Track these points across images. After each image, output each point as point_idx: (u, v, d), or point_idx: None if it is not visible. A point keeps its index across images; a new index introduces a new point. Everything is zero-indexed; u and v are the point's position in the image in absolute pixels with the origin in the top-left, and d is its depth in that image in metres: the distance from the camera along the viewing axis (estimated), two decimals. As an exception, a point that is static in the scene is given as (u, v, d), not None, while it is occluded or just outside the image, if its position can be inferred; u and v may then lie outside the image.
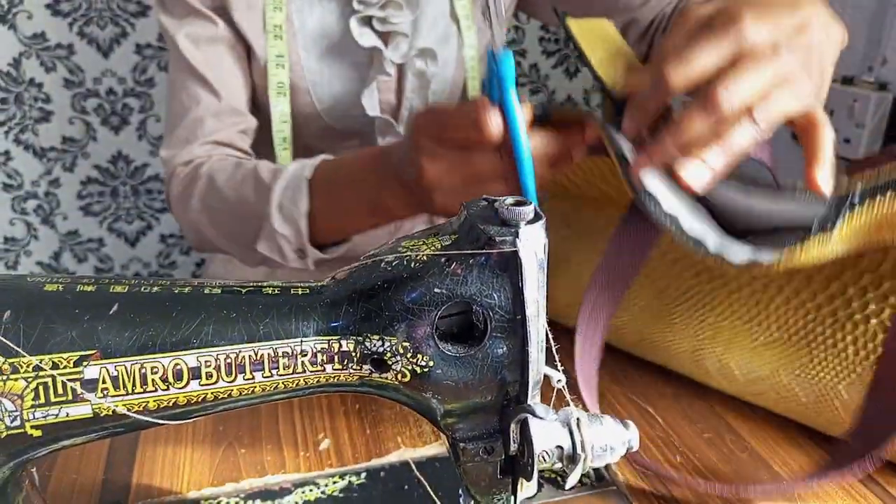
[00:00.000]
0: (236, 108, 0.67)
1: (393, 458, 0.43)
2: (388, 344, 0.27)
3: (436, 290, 0.28)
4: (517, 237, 0.28)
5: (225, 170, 0.64)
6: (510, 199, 0.29)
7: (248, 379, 0.27)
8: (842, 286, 0.44)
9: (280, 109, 0.67)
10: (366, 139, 0.72)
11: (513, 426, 0.28)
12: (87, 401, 0.24)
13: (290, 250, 0.60)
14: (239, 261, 0.68)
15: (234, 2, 0.68)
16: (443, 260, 0.28)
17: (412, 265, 0.29)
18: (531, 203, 0.29)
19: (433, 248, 0.29)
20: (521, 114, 0.39)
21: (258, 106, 0.71)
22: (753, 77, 0.36)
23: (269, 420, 0.46)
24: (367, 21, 0.68)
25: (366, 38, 0.67)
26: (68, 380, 0.24)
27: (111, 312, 0.26)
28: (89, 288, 0.26)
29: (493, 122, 0.39)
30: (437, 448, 0.43)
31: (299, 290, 0.29)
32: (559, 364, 0.31)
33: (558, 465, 0.29)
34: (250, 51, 0.69)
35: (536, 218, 0.29)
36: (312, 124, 0.71)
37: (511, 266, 0.28)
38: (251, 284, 0.29)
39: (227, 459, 0.43)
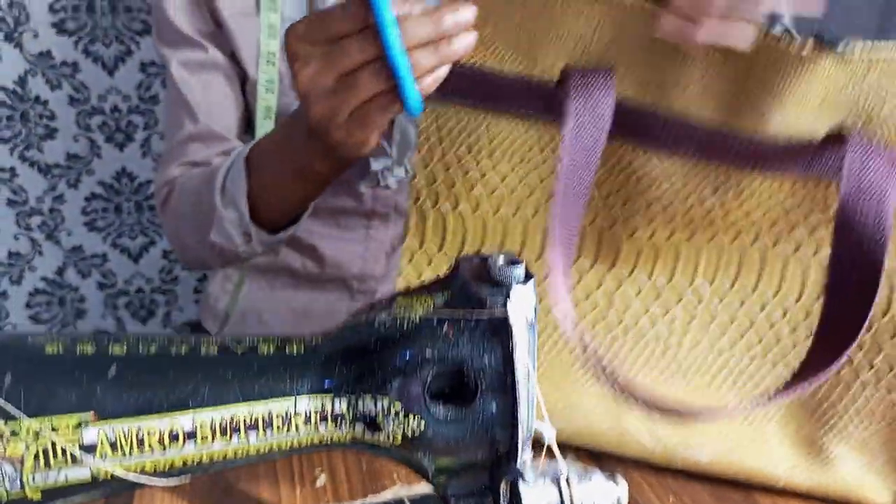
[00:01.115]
0: (219, 133, 0.69)
1: (389, 495, 0.43)
2: (381, 405, 0.28)
3: (428, 352, 0.28)
4: (508, 299, 0.28)
5: (190, 177, 0.67)
6: (502, 259, 0.30)
7: (243, 440, 0.27)
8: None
9: (265, 132, 0.68)
10: (360, 161, 0.74)
11: (503, 486, 0.29)
12: (86, 464, 0.25)
13: (237, 234, 0.61)
14: (210, 265, 0.69)
15: (232, 27, 0.69)
16: (435, 321, 0.29)
17: (405, 326, 0.29)
18: (522, 262, 0.30)
19: (426, 307, 0.30)
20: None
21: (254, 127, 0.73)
22: None
23: (267, 457, 0.47)
24: None
25: None
26: (67, 443, 0.25)
27: (110, 376, 0.26)
28: (89, 349, 0.27)
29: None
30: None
31: (294, 347, 0.30)
32: (546, 417, 0.31)
33: (548, 524, 0.29)
34: (246, 74, 0.70)
35: (528, 278, 0.30)
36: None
37: (502, 329, 0.28)
38: (247, 342, 0.30)
39: (223, 495, 0.43)
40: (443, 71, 0.39)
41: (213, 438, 0.26)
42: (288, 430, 0.27)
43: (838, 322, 0.40)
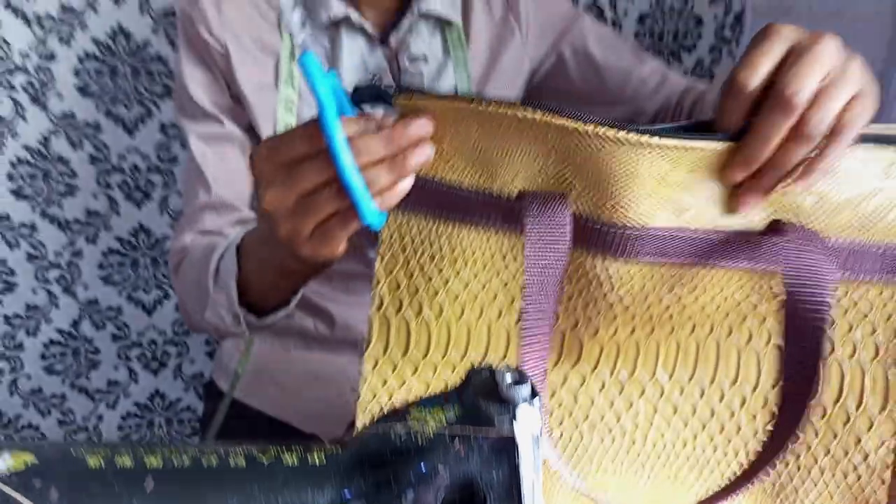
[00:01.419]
0: (231, 203, 0.73)
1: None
2: (397, 516, 0.30)
3: (441, 466, 0.30)
4: (515, 419, 0.31)
5: (196, 248, 0.70)
6: (509, 377, 0.32)
7: (268, 551, 0.29)
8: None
9: None
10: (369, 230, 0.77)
11: None
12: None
13: (228, 316, 0.64)
14: (212, 334, 0.73)
15: (251, 101, 0.73)
16: (447, 437, 0.31)
17: (420, 440, 0.31)
18: (528, 381, 0.32)
19: (439, 422, 0.32)
20: (330, 106, 0.38)
21: None
22: (817, 70, 0.40)
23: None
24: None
25: None
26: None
27: (147, 490, 0.28)
28: (127, 462, 0.29)
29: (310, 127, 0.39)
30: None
31: (316, 456, 0.32)
32: None
33: None
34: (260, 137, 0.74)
35: (533, 395, 0.32)
36: None
37: (509, 446, 0.31)
38: (272, 451, 0.32)
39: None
40: (405, 184, 0.41)
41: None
42: (309, 540, 0.29)
43: (791, 406, 0.42)
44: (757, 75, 0.41)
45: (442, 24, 0.77)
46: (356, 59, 0.75)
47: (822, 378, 0.47)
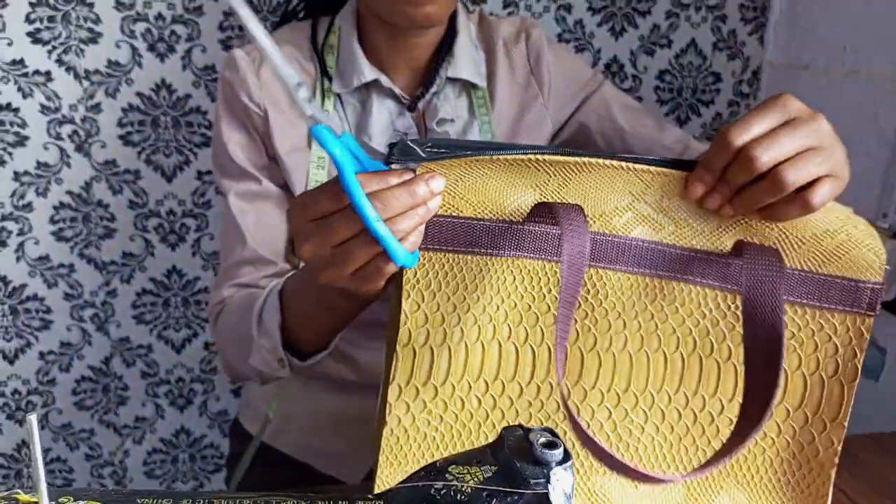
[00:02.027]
0: (267, 258, 0.77)
1: None
2: (437, 569, 0.32)
3: (478, 523, 0.33)
4: (549, 481, 0.33)
5: (235, 300, 0.74)
6: (543, 438, 0.35)
7: None
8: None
9: None
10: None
11: None
12: None
13: (273, 360, 0.68)
14: (254, 380, 0.76)
15: (286, 161, 0.77)
16: (484, 494, 0.33)
17: (458, 496, 0.34)
18: (561, 445, 0.35)
19: (476, 478, 0.34)
20: (347, 167, 0.42)
21: None
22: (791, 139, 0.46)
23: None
24: None
25: None
26: None
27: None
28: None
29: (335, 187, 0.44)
30: None
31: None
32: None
33: None
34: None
35: (566, 458, 0.34)
36: None
37: (544, 502, 0.33)
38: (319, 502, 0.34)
39: None
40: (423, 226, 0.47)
41: None
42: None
43: (752, 409, 0.48)
44: (746, 136, 0.47)
45: (468, 86, 0.81)
46: (385, 120, 0.79)
47: (786, 388, 0.54)
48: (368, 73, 0.77)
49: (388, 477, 0.53)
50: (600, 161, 0.49)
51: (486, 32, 0.84)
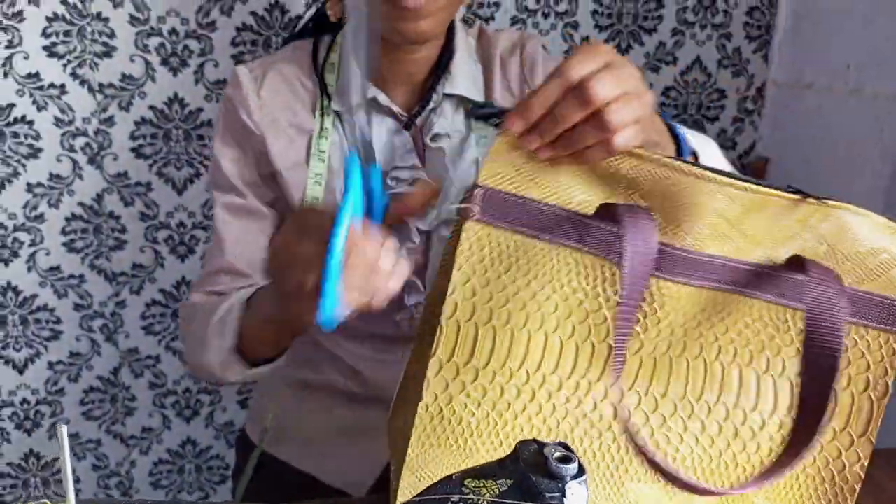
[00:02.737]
0: (243, 271, 0.80)
1: None
2: (454, 581, 0.33)
3: (495, 536, 0.33)
4: (564, 495, 0.34)
5: (206, 305, 0.78)
6: (558, 453, 0.36)
7: None
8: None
9: None
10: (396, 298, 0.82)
11: None
12: None
13: (218, 360, 0.73)
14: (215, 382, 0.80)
15: (286, 177, 0.79)
16: (501, 508, 0.34)
17: (475, 509, 0.34)
18: (575, 459, 0.35)
19: (492, 492, 0.35)
20: (346, 221, 0.47)
21: None
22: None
23: None
24: (401, 196, 0.78)
25: None
26: None
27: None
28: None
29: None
30: None
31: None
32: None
33: None
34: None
35: (580, 473, 0.35)
36: None
37: (558, 517, 0.34)
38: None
39: None
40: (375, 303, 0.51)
41: None
42: None
43: (803, 430, 0.50)
44: (583, 71, 0.46)
45: (465, 101, 0.82)
46: (384, 137, 0.80)
47: (832, 407, 0.53)
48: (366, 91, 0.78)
49: (418, 457, 0.52)
50: (685, 167, 0.48)
51: (484, 47, 0.86)
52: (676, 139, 0.58)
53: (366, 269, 0.48)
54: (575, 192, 0.49)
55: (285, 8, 1.11)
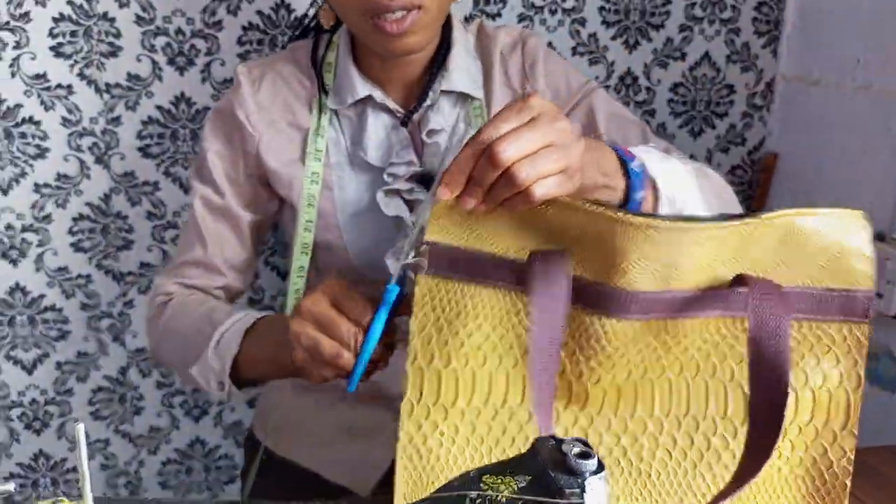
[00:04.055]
0: (219, 268, 0.83)
1: None
2: (474, 578, 0.33)
3: (514, 532, 0.33)
4: (584, 490, 0.34)
5: (187, 304, 0.80)
6: (576, 448, 0.35)
7: None
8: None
9: (301, 265, 0.83)
10: None
11: None
12: None
13: (214, 381, 0.74)
14: (179, 378, 0.85)
15: (281, 173, 0.81)
16: (520, 503, 0.34)
17: (494, 506, 0.34)
18: (595, 455, 0.35)
19: (511, 488, 0.35)
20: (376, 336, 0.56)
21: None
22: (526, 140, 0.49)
23: None
24: (397, 192, 0.79)
25: (392, 207, 0.78)
26: None
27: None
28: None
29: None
30: None
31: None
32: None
33: None
34: (295, 212, 0.82)
35: (600, 469, 0.35)
36: (349, 277, 0.83)
37: (578, 513, 0.33)
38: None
39: None
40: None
41: None
42: None
43: (760, 436, 0.50)
44: (493, 134, 0.49)
45: (464, 97, 0.82)
46: (380, 135, 0.81)
47: (796, 404, 0.55)
48: (361, 89, 0.79)
49: (405, 490, 0.55)
50: (608, 213, 0.50)
51: (483, 43, 0.86)
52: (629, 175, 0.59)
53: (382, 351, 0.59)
54: (512, 240, 0.54)
55: (291, 7, 1.11)
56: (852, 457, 0.55)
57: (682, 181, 0.63)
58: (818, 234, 0.52)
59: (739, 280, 0.53)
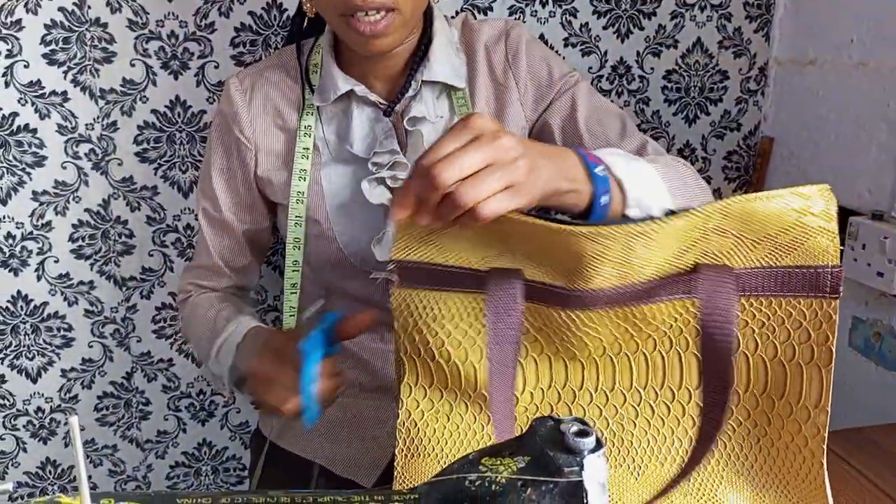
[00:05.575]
0: (225, 272, 0.92)
1: None
2: (475, 559, 0.33)
3: (515, 511, 0.33)
4: (582, 468, 0.34)
5: (201, 305, 0.89)
6: (575, 427, 0.35)
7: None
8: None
9: (294, 260, 0.87)
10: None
11: None
12: None
13: (220, 383, 0.83)
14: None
15: (272, 179, 0.85)
16: (519, 484, 0.34)
17: (493, 487, 0.34)
18: (592, 433, 0.35)
19: (510, 469, 0.35)
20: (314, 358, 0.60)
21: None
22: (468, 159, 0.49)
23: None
24: (381, 180, 0.80)
25: (376, 195, 0.80)
26: None
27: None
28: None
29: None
30: None
31: (395, 501, 0.35)
32: None
33: None
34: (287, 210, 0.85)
35: (598, 447, 0.35)
36: (339, 266, 0.87)
37: (577, 491, 0.34)
38: (357, 499, 0.35)
39: None
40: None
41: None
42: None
43: (712, 407, 0.55)
44: (433, 158, 0.50)
45: (448, 88, 0.82)
46: (365, 127, 0.82)
47: (767, 378, 0.56)
48: (342, 84, 0.81)
49: (405, 470, 0.59)
50: (552, 226, 0.52)
51: (468, 37, 0.87)
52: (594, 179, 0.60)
53: (328, 384, 0.62)
54: (473, 251, 0.57)
55: (283, 7, 1.11)
56: (826, 435, 0.55)
57: (648, 181, 0.63)
58: (778, 215, 0.52)
59: (696, 267, 0.55)
